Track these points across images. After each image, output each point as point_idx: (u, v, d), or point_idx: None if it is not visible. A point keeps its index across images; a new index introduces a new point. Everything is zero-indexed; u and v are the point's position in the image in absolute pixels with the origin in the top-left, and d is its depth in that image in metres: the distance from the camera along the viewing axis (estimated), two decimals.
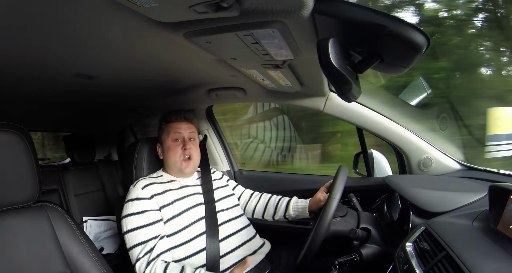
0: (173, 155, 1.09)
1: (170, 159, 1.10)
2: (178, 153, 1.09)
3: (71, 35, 0.65)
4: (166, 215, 0.98)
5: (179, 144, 1.10)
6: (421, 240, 0.74)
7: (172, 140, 1.11)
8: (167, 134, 1.12)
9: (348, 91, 0.55)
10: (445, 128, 1.33)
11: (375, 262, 0.86)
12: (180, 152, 1.09)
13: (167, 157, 1.11)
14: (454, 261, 0.58)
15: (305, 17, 0.53)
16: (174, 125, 1.13)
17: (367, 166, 1.36)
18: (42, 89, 1.12)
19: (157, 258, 0.90)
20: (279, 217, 1.17)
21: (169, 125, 1.13)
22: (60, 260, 0.79)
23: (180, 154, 1.09)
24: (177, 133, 1.11)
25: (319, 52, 0.48)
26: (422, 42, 0.50)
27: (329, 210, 0.83)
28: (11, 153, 0.73)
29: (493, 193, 0.68)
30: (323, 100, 1.26)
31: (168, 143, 1.11)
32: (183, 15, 0.53)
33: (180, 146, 1.10)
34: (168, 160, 1.11)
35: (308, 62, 0.82)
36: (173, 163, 1.10)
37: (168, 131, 1.12)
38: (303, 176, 1.61)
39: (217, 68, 0.98)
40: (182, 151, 1.09)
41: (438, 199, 0.85)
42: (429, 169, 1.22)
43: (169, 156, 1.10)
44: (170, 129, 1.12)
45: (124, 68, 0.96)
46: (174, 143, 1.10)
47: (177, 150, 1.09)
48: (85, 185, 2.00)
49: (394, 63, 0.60)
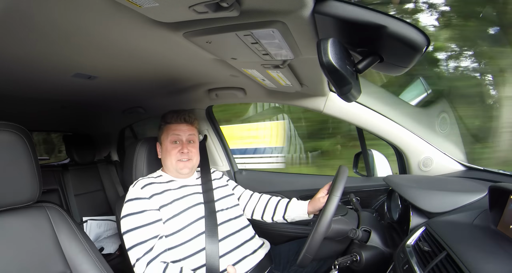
0: (169, 156, 1.09)
1: (167, 160, 1.11)
2: (175, 155, 1.09)
3: (71, 35, 0.65)
4: (166, 215, 0.98)
5: (177, 146, 1.10)
6: (421, 240, 0.74)
7: (171, 142, 1.11)
8: (166, 135, 1.12)
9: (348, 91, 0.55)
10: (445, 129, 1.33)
11: (375, 262, 0.86)
12: (177, 154, 1.09)
13: (164, 158, 1.12)
14: (454, 261, 0.58)
15: (305, 17, 0.53)
16: (173, 126, 1.13)
17: (367, 166, 1.36)
18: (42, 89, 1.12)
19: (156, 258, 0.90)
20: (278, 218, 1.17)
21: (169, 126, 1.13)
22: (60, 260, 0.79)
23: (177, 156, 1.09)
24: (175, 136, 1.11)
25: (319, 52, 0.48)
26: (422, 42, 0.50)
27: (330, 207, 0.84)
28: (11, 153, 0.73)
29: (493, 193, 0.68)
30: (323, 100, 1.26)
31: (166, 144, 1.11)
32: (183, 15, 0.53)
33: (178, 148, 1.10)
34: (166, 161, 1.11)
35: (308, 62, 0.82)
36: (170, 164, 1.10)
37: (167, 133, 1.12)
38: (303, 176, 1.61)
39: (217, 68, 0.98)
40: (179, 154, 1.09)
41: (438, 199, 0.85)
42: (429, 169, 1.22)
43: (166, 157, 1.11)
44: (169, 131, 1.12)
45: (124, 68, 0.96)
46: (172, 145, 1.10)
47: (174, 152, 1.09)
48: (85, 185, 2.00)
49: (394, 63, 0.60)
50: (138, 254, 0.90)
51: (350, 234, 0.87)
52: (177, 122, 1.13)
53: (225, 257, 0.98)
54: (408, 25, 0.49)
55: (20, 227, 0.76)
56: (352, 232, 0.87)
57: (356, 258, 0.87)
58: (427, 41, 0.51)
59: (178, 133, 1.11)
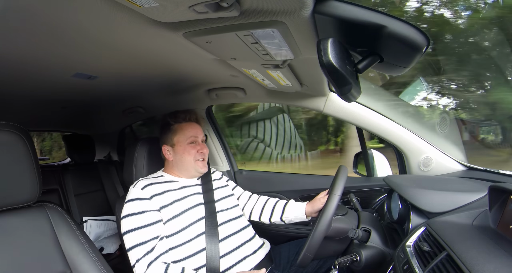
0: (189, 157, 1.09)
1: (185, 161, 1.10)
2: (194, 155, 1.10)
3: (71, 35, 0.65)
4: (166, 216, 0.98)
5: (196, 146, 1.11)
6: (421, 240, 0.74)
7: (189, 142, 1.10)
8: (182, 135, 1.11)
9: (348, 91, 0.55)
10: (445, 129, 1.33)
11: (375, 262, 0.86)
12: (196, 154, 1.10)
13: (181, 159, 1.10)
14: (454, 261, 0.58)
15: (305, 17, 0.53)
16: (186, 127, 1.12)
17: (367, 166, 1.36)
18: (42, 89, 1.12)
19: (157, 259, 0.90)
20: (276, 219, 1.17)
21: (181, 127, 1.12)
22: (60, 260, 0.79)
23: (196, 155, 1.10)
24: (193, 137, 1.11)
25: (319, 52, 0.48)
26: (422, 42, 0.50)
27: (330, 206, 0.84)
28: (11, 153, 0.73)
29: (493, 193, 0.68)
30: (323, 100, 1.26)
31: (183, 145, 1.10)
32: (183, 15, 0.54)
33: (196, 148, 1.10)
34: (184, 161, 1.10)
35: (308, 62, 0.82)
36: (189, 164, 1.10)
37: (183, 134, 1.11)
38: (303, 176, 1.61)
39: (217, 68, 0.98)
40: (198, 154, 1.10)
41: (438, 199, 0.85)
42: (429, 169, 1.22)
43: (184, 158, 1.10)
44: (185, 132, 1.11)
45: (124, 68, 0.96)
46: (190, 145, 1.10)
47: (193, 152, 1.10)
48: (85, 185, 2.00)
49: (394, 63, 0.60)
50: (138, 255, 0.89)
51: (350, 234, 0.87)
52: (190, 122, 1.14)
53: (226, 258, 0.98)
54: (408, 25, 0.49)
55: (20, 227, 0.76)
56: (352, 232, 0.87)
57: (356, 258, 0.86)
58: (427, 41, 0.51)
59: (195, 134, 1.12)
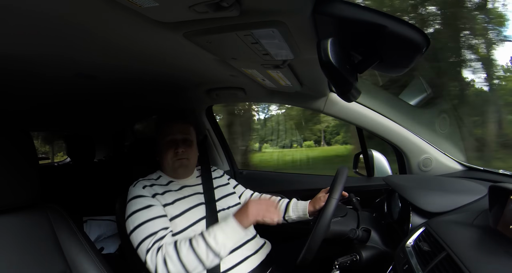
0: (165, 156, 1.07)
1: (165, 162, 1.09)
2: (170, 155, 1.07)
3: (70, 34, 0.65)
4: (169, 214, 0.97)
5: (172, 145, 1.08)
6: (421, 240, 0.74)
7: (166, 141, 1.08)
8: (161, 134, 1.10)
9: (348, 91, 0.55)
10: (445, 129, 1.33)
11: (375, 262, 0.86)
12: (172, 154, 1.07)
13: (162, 160, 1.10)
14: (454, 261, 0.58)
15: (305, 17, 0.53)
16: (169, 124, 1.11)
17: (367, 166, 1.36)
18: (41, 89, 1.12)
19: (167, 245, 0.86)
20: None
21: (165, 125, 1.12)
22: (60, 260, 0.78)
23: (172, 156, 1.07)
24: (171, 135, 1.09)
25: (319, 52, 0.48)
26: (422, 42, 0.50)
27: (328, 210, 0.83)
28: (11, 153, 0.73)
29: (493, 193, 0.68)
30: (323, 100, 1.26)
31: (161, 143, 1.09)
32: (183, 15, 0.53)
33: (173, 148, 1.07)
34: (162, 161, 1.10)
35: (308, 62, 0.82)
36: (167, 164, 1.08)
37: (163, 132, 1.10)
38: (303, 176, 1.61)
39: (217, 68, 0.98)
40: (174, 153, 1.07)
41: (438, 199, 0.85)
42: (429, 169, 1.22)
43: (162, 157, 1.09)
44: (165, 130, 1.10)
45: (124, 68, 0.96)
46: (167, 145, 1.08)
47: (170, 151, 1.07)
48: (85, 185, 2.00)
49: (394, 63, 0.60)
50: (148, 245, 0.86)
51: (350, 234, 0.87)
52: (174, 122, 1.12)
53: (227, 257, 0.98)
54: (408, 25, 0.49)
55: (20, 227, 0.76)
56: (352, 232, 0.87)
57: (356, 258, 0.86)
58: (427, 41, 0.51)
59: (173, 133, 1.09)
